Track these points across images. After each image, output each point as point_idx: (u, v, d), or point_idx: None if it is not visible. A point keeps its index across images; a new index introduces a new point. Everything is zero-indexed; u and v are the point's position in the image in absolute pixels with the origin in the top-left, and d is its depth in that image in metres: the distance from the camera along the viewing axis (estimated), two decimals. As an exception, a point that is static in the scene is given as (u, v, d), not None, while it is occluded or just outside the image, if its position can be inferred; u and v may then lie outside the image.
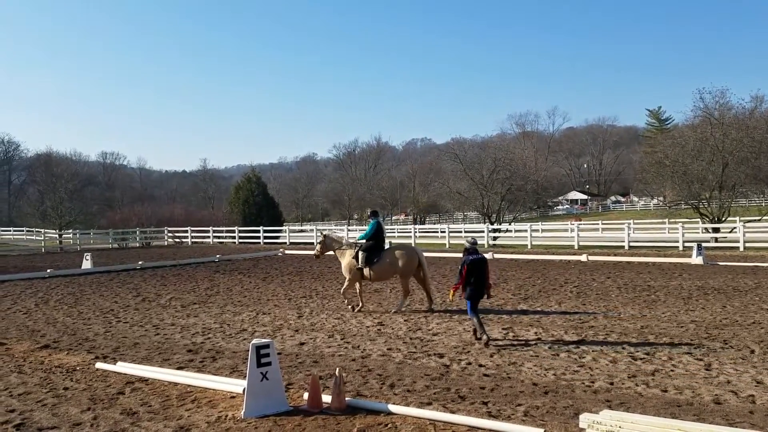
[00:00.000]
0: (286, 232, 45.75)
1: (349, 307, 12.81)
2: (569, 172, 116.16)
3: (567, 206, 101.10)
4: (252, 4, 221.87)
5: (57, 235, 46.43)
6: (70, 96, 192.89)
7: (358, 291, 12.98)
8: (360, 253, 12.56)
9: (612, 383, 7.06)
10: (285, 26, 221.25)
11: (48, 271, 21.88)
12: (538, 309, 12.50)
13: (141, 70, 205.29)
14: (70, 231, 49.19)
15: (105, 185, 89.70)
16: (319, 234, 13.87)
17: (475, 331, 9.46)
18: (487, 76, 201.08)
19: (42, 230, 49.07)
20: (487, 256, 25.77)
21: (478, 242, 10.32)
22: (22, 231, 57.06)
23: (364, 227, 59.95)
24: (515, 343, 9.29)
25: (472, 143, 70.05)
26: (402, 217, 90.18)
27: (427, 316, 11.92)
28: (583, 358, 8.30)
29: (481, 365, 7.95)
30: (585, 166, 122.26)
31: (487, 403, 6.34)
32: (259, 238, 42.77)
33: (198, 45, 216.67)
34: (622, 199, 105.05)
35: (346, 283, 12.88)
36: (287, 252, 32.52)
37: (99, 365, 8.18)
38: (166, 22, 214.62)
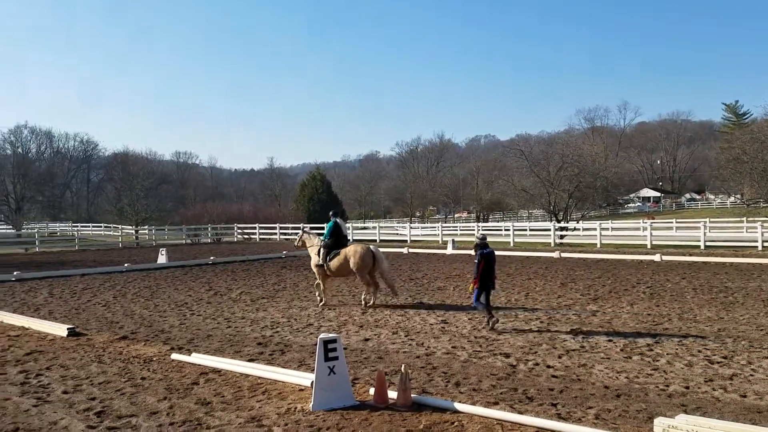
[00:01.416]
0: (349, 229, 46.23)
1: (318, 299, 13.52)
2: (641, 169, 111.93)
3: (639, 204, 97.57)
4: (315, 1, 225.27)
5: (133, 231, 48.65)
6: (146, 97, 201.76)
7: (323, 287, 13.55)
8: (321, 250, 13.52)
9: (688, 387, 6.79)
10: (349, 25, 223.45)
11: (125, 265, 22.96)
12: (609, 310, 12.14)
13: (213, 71, 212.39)
14: (146, 227, 51.45)
15: (178, 183, 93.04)
16: (306, 229, 15.19)
17: (488, 321, 10.19)
18: (554, 71, 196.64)
19: (119, 226, 51.60)
20: (554, 255, 25.37)
21: (488, 239, 10.67)
22: (101, 227, 60.15)
23: (425, 225, 59.93)
24: (585, 344, 9.06)
25: (538, 139, 68.68)
26: (464, 215, 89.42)
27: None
28: (657, 361, 8.01)
29: (549, 366, 7.80)
30: (658, 162, 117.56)
31: (556, 404, 6.21)
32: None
33: (264, 47, 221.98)
34: (698, 197, 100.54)
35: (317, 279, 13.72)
36: (351, 249, 32.82)
37: (174, 356, 8.53)
38: (239, 22, 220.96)
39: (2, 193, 68.95)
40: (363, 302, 13.11)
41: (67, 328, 10.39)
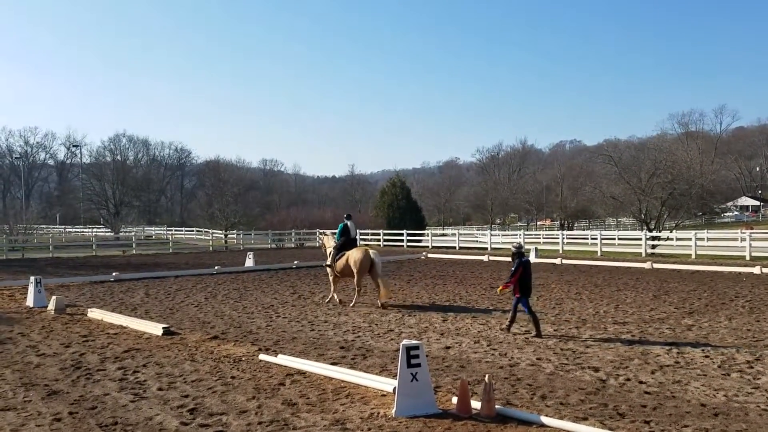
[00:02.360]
0: (428, 236, 46.16)
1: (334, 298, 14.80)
2: (739, 176, 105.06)
3: (736, 213, 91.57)
4: (391, 13, 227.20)
5: (223, 235, 50.76)
6: (235, 108, 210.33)
7: (332, 286, 14.92)
8: (332, 251, 14.81)
9: (795, 410, 6.29)
10: (431, 29, 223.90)
11: (215, 268, 23.97)
12: (705, 324, 11.44)
13: (296, 84, 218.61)
14: (234, 231, 53.54)
15: (265, 189, 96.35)
16: (326, 233, 16.50)
17: (508, 326, 10.86)
18: (644, 74, 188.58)
19: (210, 230, 53.95)
20: (645, 265, 24.23)
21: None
22: (193, 231, 63.15)
23: (506, 232, 59.00)
24: (680, 360, 8.58)
25: (627, 144, 65.76)
26: (547, 223, 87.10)
27: (578, 326, 11.39)
28: (758, 379, 7.49)
29: (641, 382, 7.44)
30: (757, 169, 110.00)
31: (650, 422, 5.91)
32: (402, 241, 43.58)
33: (341, 59, 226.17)
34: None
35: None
36: (429, 255, 32.79)
37: (262, 357, 8.80)
38: (316, 36, 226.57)
39: (102, 198, 73.96)
40: (381, 305, 14.04)
41: (163, 328, 10.95)
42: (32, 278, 15.17)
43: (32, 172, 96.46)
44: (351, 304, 14.27)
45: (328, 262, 14.91)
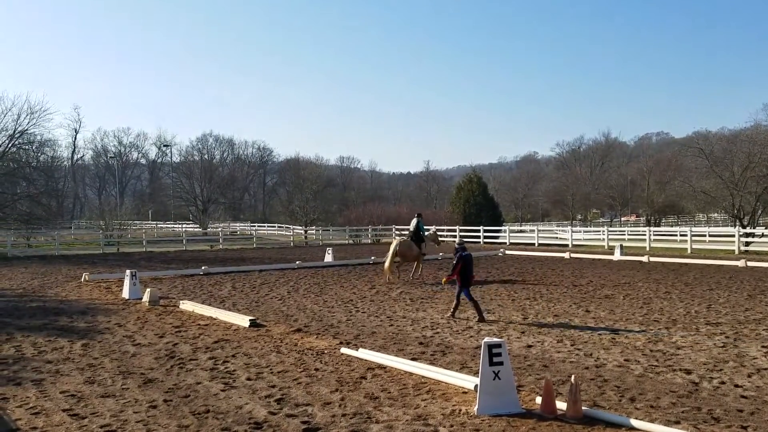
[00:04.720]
0: (505, 232, 45.40)
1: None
2: None
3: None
4: (476, 7, 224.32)
5: (303, 231, 51.96)
6: (315, 107, 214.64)
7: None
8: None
9: None
10: (501, 24, 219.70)
11: (297, 263, 24.62)
12: (811, 328, 10.68)
13: (373, 81, 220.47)
14: (314, 227, 54.73)
15: (342, 186, 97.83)
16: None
17: (478, 311, 11.78)
18: (737, 62, 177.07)
19: (291, 226, 55.41)
20: (739, 263, 22.84)
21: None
22: (274, 227, 65.03)
23: (588, 228, 57.19)
24: (782, 365, 8.06)
25: (719, 136, 61.95)
26: (632, 218, 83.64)
27: (669, 327, 10.91)
28: None
29: (737, 385, 7.06)
30: None
31: (746, 427, 5.61)
32: (479, 237, 43.09)
33: (418, 54, 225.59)
34: None
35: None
36: (507, 252, 32.26)
37: (344, 350, 8.99)
38: (393, 31, 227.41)
39: (191, 195, 77.43)
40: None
41: (249, 320, 11.39)
42: (128, 271, 16.11)
43: (126, 171, 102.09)
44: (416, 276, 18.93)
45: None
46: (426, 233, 20.26)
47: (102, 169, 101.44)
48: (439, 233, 24.53)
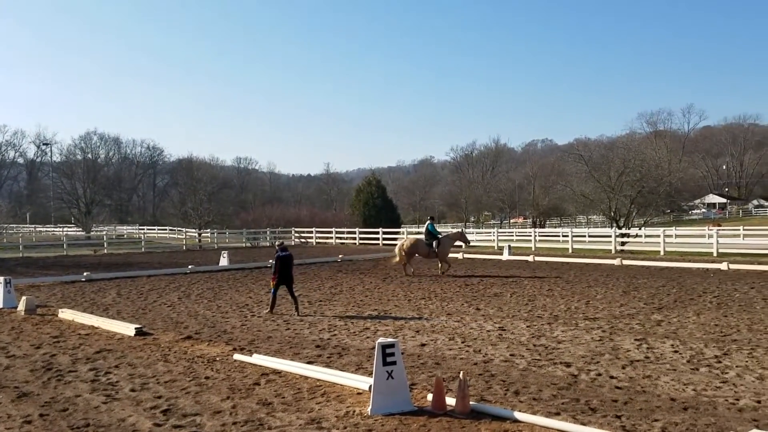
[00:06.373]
0: (403, 233, 46.26)
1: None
2: (706, 174, 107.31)
3: (704, 210, 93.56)
4: (370, 11, 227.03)
5: (196, 234, 50.18)
6: (208, 106, 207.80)
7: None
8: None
9: (759, 401, 6.49)
10: (400, 32, 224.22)
11: (189, 267, 23.70)
12: (674, 320, 11.71)
13: (271, 81, 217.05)
14: (208, 230, 52.96)
15: (239, 188, 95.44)
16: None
17: (271, 307, 12.99)
18: (614, 74, 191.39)
19: (183, 229, 53.28)
20: (615, 262, 24.64)
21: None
22: (166, 230, 62.25)
23: (480, 230, 59.67)
24: (649, 355, 8.77)
25: (597, 143, 66.76)
26: (520, 220, 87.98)
27: (550, 322, 11.56)
28: (726, 373, 7.69)
29: (612, 377, 7.60)
30: (724, 167, 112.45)
31: (621, 416, 6.04)
32: (378, 239, 43.62)
33: (316, 55, 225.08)
34: (766, 204, 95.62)
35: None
36: (406, 254, 32.80)
37: (237, 356, 8.75)
38: (291, 32, 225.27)
39: (73, 197, 72.62)
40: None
41: (135, 328, 10.82)
42: (1, 278, 14.86)
43: (1, 171, 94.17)
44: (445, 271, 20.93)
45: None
46: (446, 235, 22.53)
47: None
48: (338, 235, 25.18)
